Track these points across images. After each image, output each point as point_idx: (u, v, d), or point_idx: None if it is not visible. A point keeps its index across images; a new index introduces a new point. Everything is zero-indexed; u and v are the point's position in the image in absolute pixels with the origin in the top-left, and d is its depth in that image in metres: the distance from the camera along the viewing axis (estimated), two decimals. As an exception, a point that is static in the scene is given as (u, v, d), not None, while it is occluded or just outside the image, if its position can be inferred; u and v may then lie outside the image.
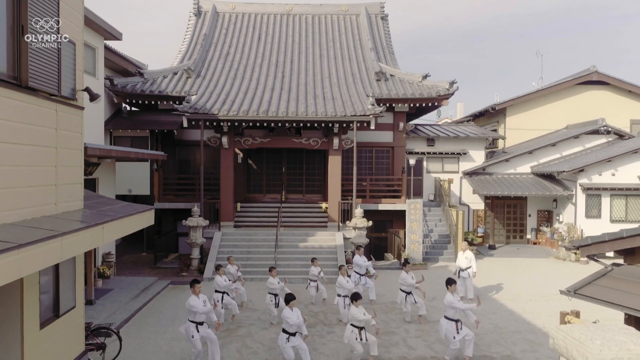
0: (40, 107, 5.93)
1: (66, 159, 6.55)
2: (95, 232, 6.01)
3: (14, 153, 5.31)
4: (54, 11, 6.55)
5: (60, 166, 6.36)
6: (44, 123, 5.95)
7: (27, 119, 5.57)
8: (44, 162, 5.94)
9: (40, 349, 7.08)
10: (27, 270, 4.43)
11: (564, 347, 3.72)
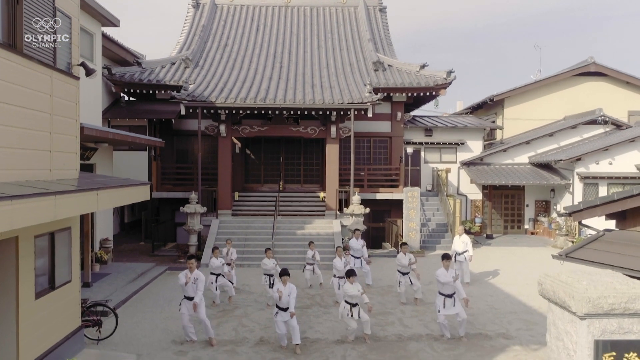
0: (35, 72, 5.96)
1: (61, 127, 6.57)
2: (89, 196, 6.04)
3: (7, 113, 5.34)
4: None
5: (54, 133, 6.39)
6: (38, 87, 5.97)
7: (21, 80, 5.60)
8: (38, 126, 5.97)
9: (36, 319, 7.10)
10: (20, 222, 4.45)
11: (552, 291, 3.75)
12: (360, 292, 9.01)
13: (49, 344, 7.50)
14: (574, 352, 3.57)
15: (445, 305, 9.33)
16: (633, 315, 3.49)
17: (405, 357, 8.54)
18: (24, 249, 6.80)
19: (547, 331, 3.88)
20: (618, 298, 3.45)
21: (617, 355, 3.51)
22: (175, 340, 9.34)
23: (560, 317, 3.74)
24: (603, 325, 3.52)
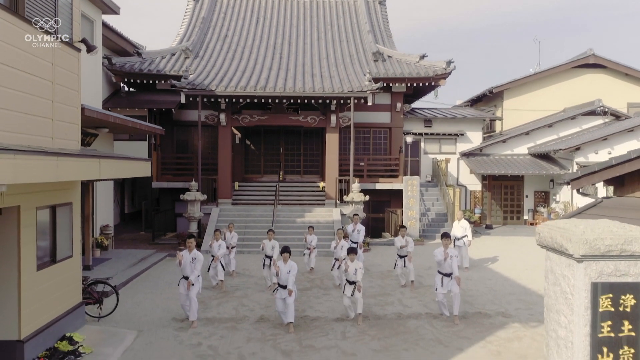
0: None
1: (62, 96, 6.61)
2: (91, 163, 6.09)
3: (10, 76, 5.37)
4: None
5: (56, 102, 6.43)
6: (40, 55, 6.01)
7: (24, 45, 5.64)
8: (40, 93, 6.01)
9: (37, 290, 7.15)
10: (23, 177, 4.49)
11: (549, 237, 3.79)
12: (355, 271, 9.04)
13: (50, 317, 7.55)
14: (571, 296, 3.62)
15: (443, 284, 9.37)
16: (629, 258, 3.53)
17: (405, 333, 8.59)
18: (26, 219, 6.84)
19: (545, 279, 3.92)
20: (615, 240, 3.49)
21: (614, 297, 3.56)
22: (175, 317, 9.39)
23: (557, 263, 3.78)
24: (600, 268, 3.56)
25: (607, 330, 3.53)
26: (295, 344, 8.04)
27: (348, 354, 7.65)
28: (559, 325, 3.71)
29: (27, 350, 6.80)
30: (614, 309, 3.53)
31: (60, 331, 7.68)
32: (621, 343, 3.54)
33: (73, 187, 8.34)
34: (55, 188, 7.69)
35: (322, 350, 7.77)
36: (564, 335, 3.65)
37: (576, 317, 3.56)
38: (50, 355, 7.03)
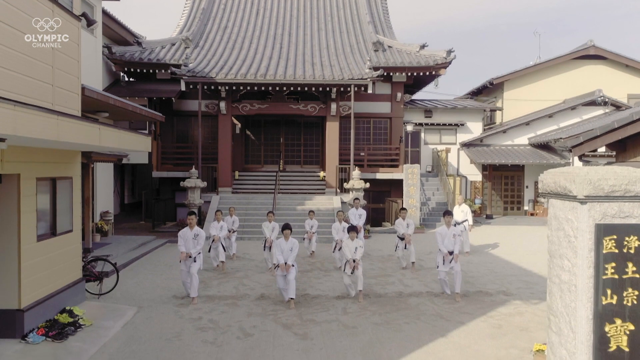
0: (37, 2, 5.97)
1: (63, 63, 6.59)
2: (91, 128, 6.07)
3: (8, 35, 5.35)
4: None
5: (57, 68, 6.40)
6: (40, 16, 5.99)
7: (23, 6, 5.61)
8: (40, 57, 5.99)
9: (37, 261, 7.13)
10: (23, 130, 4.46)
11: (552, 182, 3.77)
12: (356, 249, 9.02)
13: (50, 290, 7.53)
14: (574, 239, 3.60)
15: (444, 261, 9.35)
16: (633, 199, 3.51)
17: (406, 309, 8.56)
18: (26, 188, 6.82)
19: (548, 226, 3.90)
20: (619, 180, 3.47)
21: (618, 238, 3.53)
22: (176, 295, 9.37)
23: (560, 208, 3.76)
24: (604, 209, 3.54)
25: (611, 272, 3.51)
26: (296, 318, 8.02)
27: (349, 327, 7.62)
28: (562, 269, 3.68)
29: (27, 320, 6.78)
30: (617, 250, 3.51)
31: (60, 304, 7.66)
32: (625, 285, 3.52)
33: (73, 161, 8.32)
34: (55, 160, 7.67)
35: (322, 324, 7.75)
36: (567, 279, 3.63)
37: (580, 259, 3.54)
38: (50, 326, 7.00)
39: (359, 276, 9.12)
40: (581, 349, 3.55)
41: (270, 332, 7.36)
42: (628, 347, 3.54)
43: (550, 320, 3.86)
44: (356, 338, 7.14)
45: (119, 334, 7.27)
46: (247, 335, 7.25)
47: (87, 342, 6.80)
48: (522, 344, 6.85)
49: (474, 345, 6.88)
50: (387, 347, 6.79)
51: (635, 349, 3.54)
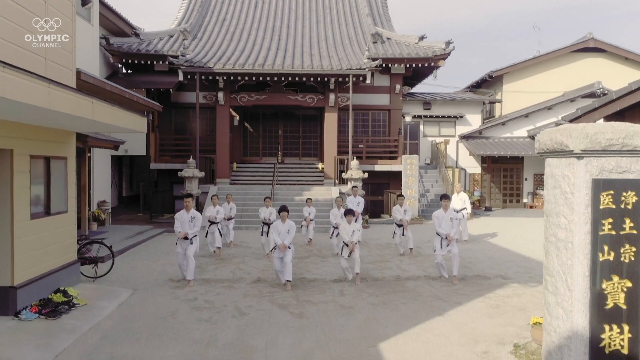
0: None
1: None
2: (84, 101, 6.00)
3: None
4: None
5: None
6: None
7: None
8: (32, 28, 5.92)
9: (31, 239, 7.07)
10: (11, 92, 4.38)
11: (549, 139, 3.71)
12: (353, 232, 8.96)
13: (44, 269, 7.47)
14: (571, 195, 3.54)
15: (442, 245, 9.30)
16: (631, 153, 3.45)
17: (403, 292, 8.50)
18: (19, 164, 6.76)
19: (544, 186, 3.84)
20: (616, 134, 3.41)
21: (615, 194, 3.47)
22: (172, 279, 9.30)
23: (557, 166, 3.70)
24: (601, 164, 3.48)
25: (608, 228, 3.45)
26: (293, 299, 7.96)
27: (345, 307, 7.56)
28: (558, 227, 3.62)
29: (20, 298, 6.73)
30: (615, 206, 3.45)
31: (54, 284, 7.60)
32: (622, 241, 3.46)
33: (68, 141, 8.26)
34: (49, 139, 7.61)
35: (319, 304, 7.69)
36: (564, 237, 3.57)
37: (576, 215, 3.48)
38: (43, 304, 6.94)
39: (356, 259, 9.06)
40: (578, 306, 3.50)
41: (266, 312, 7.30)
42: (625, 305, 3.48)
43: (546, 280, 3.81)
44: (352, 317, 7.08)
45: (113, 313, 7.21)
46: (242, 314, 7.19)
47: (81, 320, 6.74)
48: (519, 322, 6.79)
49: (471, 323, 6.82)
50: (384, 324, 6.73)
51: (633, 305, 3.48)
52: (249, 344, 5.98)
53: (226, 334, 6.31)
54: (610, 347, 3.48)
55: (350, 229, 9.05)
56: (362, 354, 5.71)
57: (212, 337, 6.22)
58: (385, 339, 6.17)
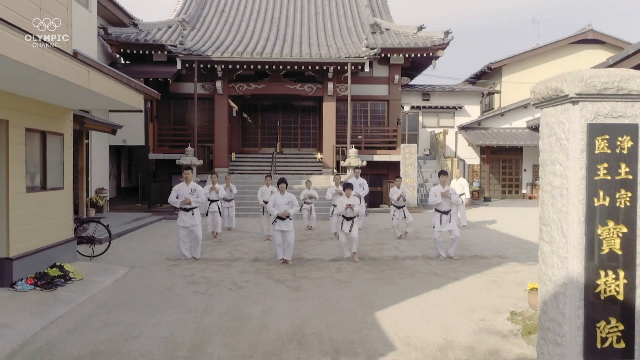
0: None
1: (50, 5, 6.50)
2: (79, 69, 5.97)
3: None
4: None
5: (44, 10, 6.31)
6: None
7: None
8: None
9: (26, 212, 7.04)
10: (7, 50, 4.37)
11: (544, 88, 3.69)
12: (354, 205, 8.94)
13: (40, 244, 7.45)
14: (566, 141, 3.51)
15: (441, 221, 9.29)
16: (626, 97, 3.42)
17: (401, 269, 8.49)
18: (15, 136, 6.74)
19: (540, 137, 3.82)
20: (611, 77, 3.39)
21: (611, 138, 3.44)
22: (169, 258, 9.30)
23: (552, 114, 3.68)
24: (596, 109, 3.45)
25: (603, 172, 3.42)
26: (290, 275, 7.94)
27: (342, 282, 7.55)
28: (553, 175, 3.60)
29: (16, 269, 6.70)
30: (610, 150, 3.42)
31: (50, 260, 7.58)
32: (618, 186, 3.43)
33: (64, 117, 8.24)
34: (45, 114, 7.59)
35: (316, 279, 7.68)
36: (559, 184, 3.55)
37: (571, 161, 3.45)
38: (39, 277, 6.92)
39: (354, 238, 9.05)
40: (573, 252, 3.47)
41: (262, 285, 7.29)
42: (621, 250, 3.45)
43: (541, 230, 3.78)
44: (349, 290, 7.06)
45: (109, 287, 7.20)
46: (239, 287, 7.18)
47: (76, 292, 6.72)
48: (517, 294, 6.77)
49: (468, 295, 6.81)
50: (381, 296, 6.72)
51: (629, 251, 3.46)
52: (245, 313, 5.96)
53: (222, 305, 6.30)
54: (606, 293, 3.45)
55: (348, 202, 9.01)
56: (359, 321, 5.69)
57: (208, 306, 6.21)
58: (381, 309, 6.15)
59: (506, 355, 4.73)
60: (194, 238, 9.01)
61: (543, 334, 3.74)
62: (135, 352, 4.71)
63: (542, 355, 3.75)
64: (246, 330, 5.34)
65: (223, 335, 5.20)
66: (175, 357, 4.61)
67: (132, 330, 5.31)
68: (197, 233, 8.96)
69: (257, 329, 5.38)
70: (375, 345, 4.96)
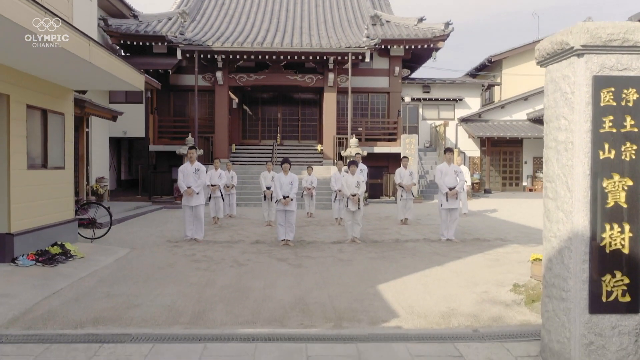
0: None
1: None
2: (81, 41, 5.95)
3: None
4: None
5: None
6: None
7: None
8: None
9: (27, 188, 7.03)
10: (8, 12, 4.35)
11: (548, 44, 3.67)
12: (357, 184, 8.93)
13: (41, 222, 7.44)
14: (571, 94, 3.49)
15: (448, 199, 9.26)
16: (632, 50, 3.41)
17: (403, 250, 8.47)
18: (16, 111, 6.72)
19: (545, 94, 3.80)
20: (616, 29, 3.37)
21: (616, 90, 3.43)
22: (170, 240, 9.28)
23: (557, 69, 3.66)
24: (601, 61, 3.43)
25: (609, 125, 3.41)
26: (291, 255, 7.93)
27: (344, 260, 7.53)
28: (558, 130, 3.58)
29: (17, 245, 6.69)
30: (615, 103, 3.41)
31: (52, 238, 7.56)
32: (623, 139, 3.42)
33: (65, 97, 8.22)
34: (46, 92, 7.57)
35: (318, 258, 7.66)
36: (564, 138, 3.53)
37: (577, 115, 3.43)
38: (40, 254, 6.90)
39: (358, 222, 9.04)
40: (578, 206, 3.45)
41: (264, 263, 7.28)
42: (626, 203, 3.43)
43: (546, 188, 3.76)
44: (351, 267, 7.05)
45: (111, 264, 7.18)
46: (240, 265, 7.16)
47: (77, 269, 6.70)
48: (519, 270, 6.76)
49: (470, 271, 6.80)
50: (383, 272, 6.71)
51: (634, 204, 3.44)
52: (247, 286, 5.95)
53: (224, 279, 6.29)
54: (611, 247, 3.43)
55: (354, 181, 9.01)
56: (361, 292, 5.68)
57: (210, 280, 6.19)
58: (384, 282, 6.14)
59: (509, 322, 4.72)
60: (196, 219, 8.99)
61: (547, 291, 3.72)
62: (137, 318, 4.70)
63: (546, 313, 3.73)
64: (249, 300, 5.33)
65: (225, 304, 5.19)
66: (178, 323, 4.59)
67: (134, 300, 5.30)
68: (199, 213, 8.94)
69: (259, 299, 5.37)
70: (378, 313, 4.95)
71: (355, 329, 4.44)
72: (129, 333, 4.20)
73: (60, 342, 4.00)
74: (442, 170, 9.34)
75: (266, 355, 3.77)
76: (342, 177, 9.51)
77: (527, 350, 3.95)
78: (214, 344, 3.98)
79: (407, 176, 11.68)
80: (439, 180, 9.33)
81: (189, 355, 3.76)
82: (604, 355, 3.44)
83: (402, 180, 11.66)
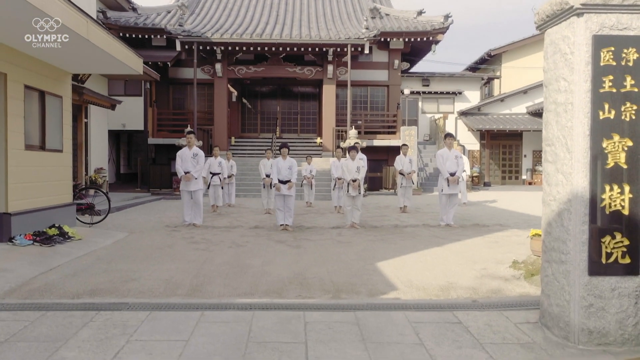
0: None
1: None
2: (79, 18, 5.92)
3: None
4: None
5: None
6: None
7: None
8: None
9: (25, 169, 7.00)
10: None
11: (548, 4, 3.64)
12: (358, 168, 8.92)
13: (40, 204, 7.41)
14: (571, 55, 3.47)
15: (449, 184, 9.24)
16: (632, 9, 3.38)
17: (402, 234, 8.45)
18: (13, 90, 6.69)
19: (544, 58, 3.78)
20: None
21: (616, 50, 3.40)
22: (169, 225, 9.25)
23: (556, 31, 3.63)
24: (601, 20, 3.41)
25: (608, 85, 3.38)
26: (290, 238, 7.90)
27: (343, 242, 7.51)
28: (558, 92, 3.56)
29: (15, 225, 6.66)
30: (615, 63, 3.38)
31: (49, 221, 7.52)
32: (623, 99, 3.39)
33: (63, 80, 8.19)
34: (44, 73, 7.53)
35: (317, 241, 7.64)
36: (564, 100, 3.50)
37: (576, 75, 3.41)
38: (38, 234, 6.87)
39: (358, 207, 9.02)
40: (577, 167, 3.43)
41: (262, 245, 7.26)
42: (626, 164, 3.41)
43: (545, 152, 3.74)
44: (350, 248, 7.03)
45: (109, 246, 7.15)
46: (239, 246, 7.14)
47: (75, 249, 6.67)
48: (519, 251, 6.73)
49: (470, 251, 6.78)
50: (382, 252, 6.68)
51: (634, 165, 3.41)
52: (246, 263, 5.93)
53: (222, 257, 6.27)
54: (611, 208, 3.41)
55: (354, 165, 8.99)
56: (360, 268, 5.66)
57: (208, 258, 6.17)
58: (383, 260, 6.12)
59: (508, 294, 4.70)
60: (195, 204, 8.96)
61: (547, 256, 3.70)
62: (134, 290, 4.68)
63: (545, 278, 3.71)
64: (247, 275, 5.31)
65: (223, 278, 5.16)
66: (175, 295, 4.57)
67: (132, 274, 5.28)
68: (197, 198, 8.92)
69: (258, 274, 5.35)
70: (377, 286, 4.93)
71: (354, 300, 4.42)
72: (126, 302, 4.18)
73: (56, 309, 3.97)
74: (443, 155, 9.33)
75: (264, 322, 3.75)
76: (342, 162, 9.49)
77: (527, 317, 3.93)
78: (212, 312, 3.96)
79: (407, 163, 11.66)
80: (441, 166, 9.31)
81: (186, 322, 3.74)
82: (603, 317, 3.41)
83: (402, 167, 11.63)
